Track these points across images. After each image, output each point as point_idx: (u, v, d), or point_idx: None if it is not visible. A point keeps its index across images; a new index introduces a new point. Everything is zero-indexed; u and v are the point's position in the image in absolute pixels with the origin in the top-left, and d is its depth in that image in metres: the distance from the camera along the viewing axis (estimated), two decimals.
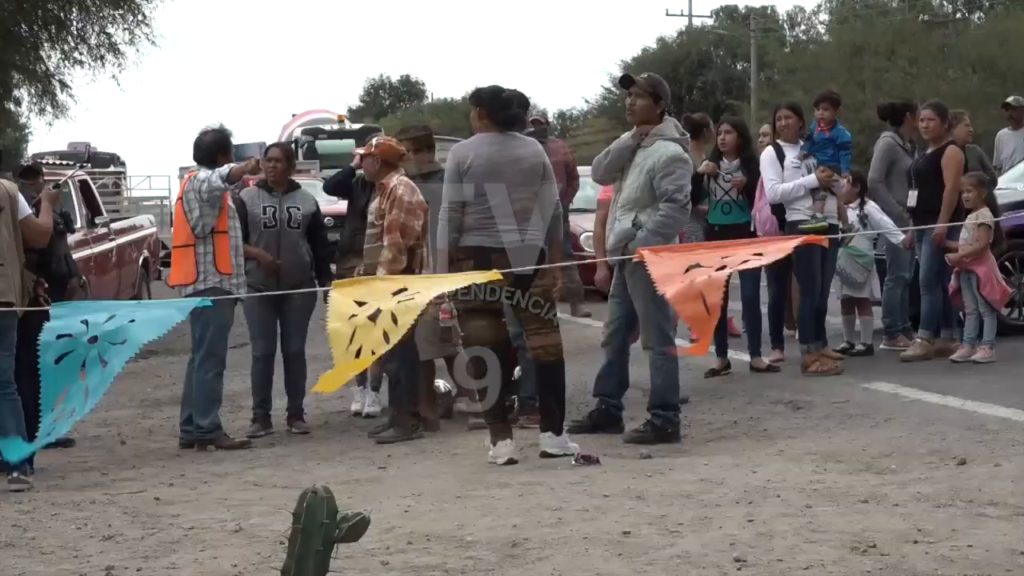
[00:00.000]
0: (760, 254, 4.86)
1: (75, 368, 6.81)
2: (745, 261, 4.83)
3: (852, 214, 13.37)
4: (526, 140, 9.81)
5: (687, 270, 4.91)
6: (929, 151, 12.96)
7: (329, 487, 5.53)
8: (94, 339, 6.86)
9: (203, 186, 10.59)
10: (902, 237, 13.17)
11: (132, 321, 6.93)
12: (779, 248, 4.92)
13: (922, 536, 6.62)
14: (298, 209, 11.52)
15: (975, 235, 12.36)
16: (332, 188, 12.56)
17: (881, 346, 13.54)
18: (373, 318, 5.03)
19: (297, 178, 12.46)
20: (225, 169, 10.65)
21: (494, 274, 5.29)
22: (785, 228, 12.33)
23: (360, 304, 5.09)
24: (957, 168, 12.62)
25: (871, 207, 13.46)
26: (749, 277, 12.57)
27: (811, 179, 12.37)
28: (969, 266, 12.44)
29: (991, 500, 7.29)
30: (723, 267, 4.80)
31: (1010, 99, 17.00)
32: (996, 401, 10.42)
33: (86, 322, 7.03)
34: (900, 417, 10.16)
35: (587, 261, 14.97)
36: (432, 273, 10.22)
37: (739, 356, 12.94)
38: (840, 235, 12.76)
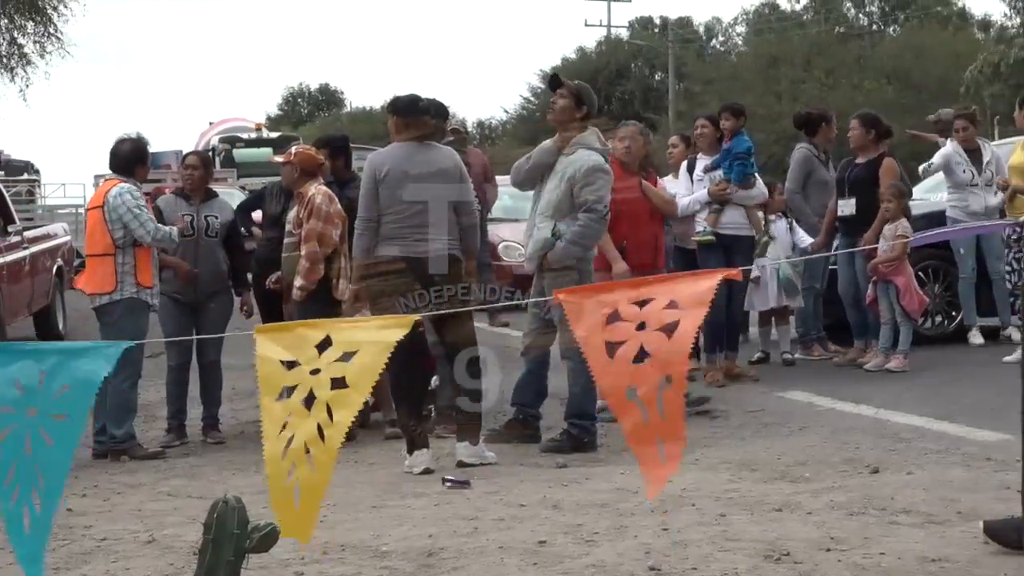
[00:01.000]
0: (675, 303, 4.81)
1: (19, 444, 6.45)
2: (664, 322, 4.77)
3: (782, 223, 13.42)
4: (443, 149, 9.81)
5: (607, 322, 4.86)
6: (862, 160, 13.09)
7: (242, 497, 5.49)
8: (34, 411, 6.59)
9: (152, 232, 10.56)
10: (809, 241, 13.31)
11: (66, 386, 6.67)
12: (695, 298, 4.87)
13: (835, 544, 6.66)
14: (216, 218, 11.45)
15: (893, 245, 12.50)
16: (243, 210, 12.52)
17: (796, 355, 13.64)
18: (308, 404, 4.95)
19: (214, 187, 12.39)
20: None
21: (415, 317, 5.22)
22: None
23: (288, 367, 5.00)
24: (894, 179, 12.81)
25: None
26: None
27: (701, 194, 12.51)
28: (888, 276, 12.56)
29: (904, 508, 7.34)
30: (643, 324, 4.76)
31: (931, 116, 17.17)
32: (909, 410, 10.53)
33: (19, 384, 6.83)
34: (814, 426, 10.24)
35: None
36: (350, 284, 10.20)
37: None
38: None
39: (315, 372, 4.92)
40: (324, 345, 4.95)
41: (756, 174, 12.82)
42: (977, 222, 13.43)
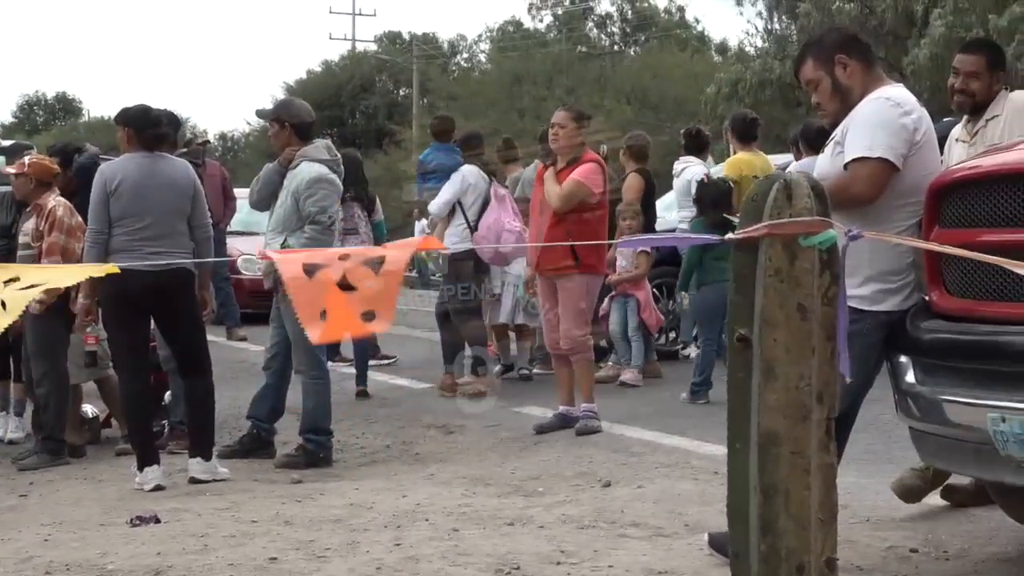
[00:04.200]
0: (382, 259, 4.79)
1: None
2: (368, 256, 4.74)
3: None
4: (175, 161, 9.68)
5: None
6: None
7: None
8: None
9: None
10: None
11: None
12: (400, 246, 4.87)
13: (565, 557, 6.72)
14: None
15: (636, 261, 12.76)
16: None
17: (535, 370, 13.74)
18: None
19: None
20: None
21: (111, 267, 5.12)
22: None
23: None
24: (636, 194, 13.14)
25: None
26: None
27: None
28: (629, 291, 12.81)
29: (633, 521, 7.45)
30: (346, 256, 4.71)
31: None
32: (642, 424, 10.68)
33: None
34: (550, 440, 10.32)
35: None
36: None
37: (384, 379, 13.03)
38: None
39: None
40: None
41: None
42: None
